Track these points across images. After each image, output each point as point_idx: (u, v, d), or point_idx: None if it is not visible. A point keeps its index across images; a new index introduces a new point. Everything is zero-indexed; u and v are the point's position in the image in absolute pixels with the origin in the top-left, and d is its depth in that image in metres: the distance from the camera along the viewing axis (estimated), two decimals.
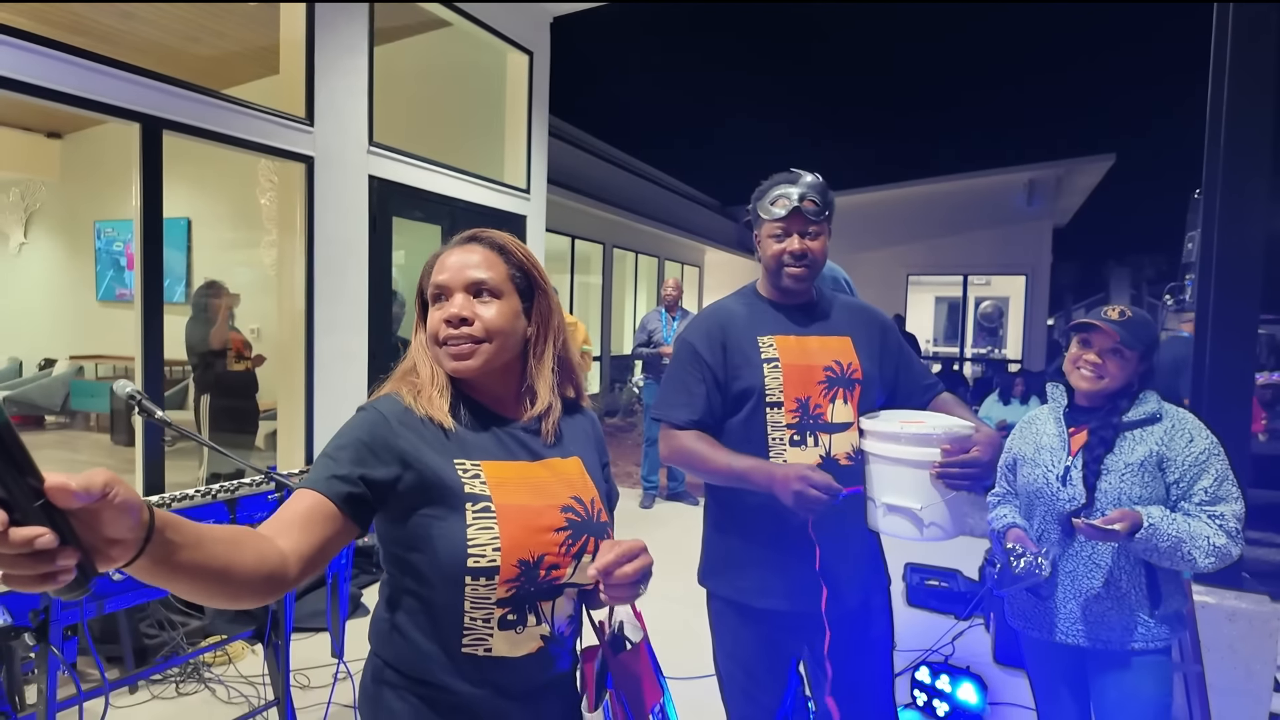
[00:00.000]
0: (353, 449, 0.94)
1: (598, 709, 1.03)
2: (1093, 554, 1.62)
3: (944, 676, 2.62)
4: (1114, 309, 1.68)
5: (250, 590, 0.77)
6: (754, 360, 1.56)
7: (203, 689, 2.60)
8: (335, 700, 2.26)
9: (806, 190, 1.57)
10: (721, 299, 1.74)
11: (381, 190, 4.41)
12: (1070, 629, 1.64)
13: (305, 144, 3.94)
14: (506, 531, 0.94)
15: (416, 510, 0.95)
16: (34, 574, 0.54)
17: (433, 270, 1.05)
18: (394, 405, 1.00)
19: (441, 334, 1.01)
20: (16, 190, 7.99)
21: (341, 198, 4.17)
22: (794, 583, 1.53)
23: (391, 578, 1.01)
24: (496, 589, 0.94)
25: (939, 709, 2.61)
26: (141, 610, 2.72)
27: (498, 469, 0.99)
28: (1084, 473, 1.63)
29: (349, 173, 4.22)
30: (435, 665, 0.97)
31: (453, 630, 0.96)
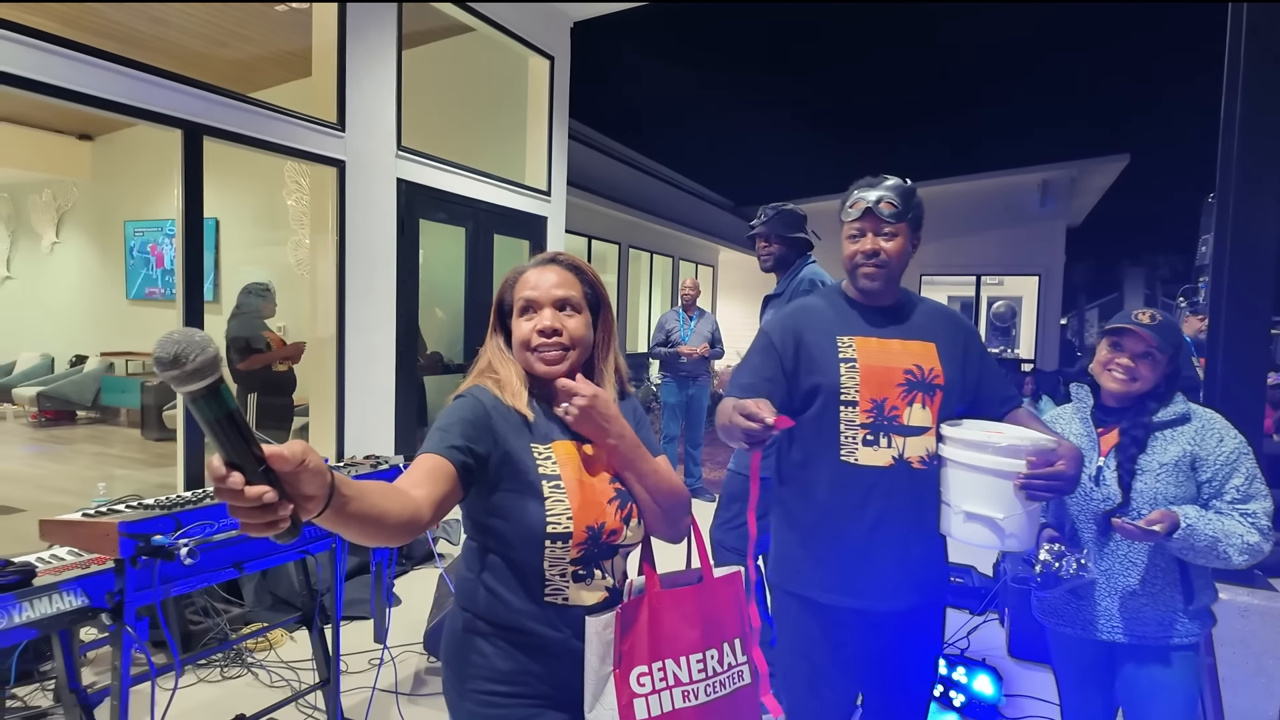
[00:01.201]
0: (460, 426, 1.12)
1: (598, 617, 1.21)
2: (1129, 552, 1.66)
3: (960, 668, 2.69)
4: (1144, 313, 1.71)
5: (398, 530, 0.94)
6: (830, 358, 1.59)
7: (246, 673, 2.72)
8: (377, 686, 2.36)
9: (884, 193, 1.59)
10: (809, 296, 1.81)
11: (409, 193, 4.53)
12: (1108, 626, 1.68)
13: (337, 148, 4.05)
14: (576, 503, 1.14)
15: (502, 483, 1.13)
16: (262, 522, 0.71)
17: (515, 285, 1.23)
18: (486, 394, 1.17)
19: (534, 342, 1.19)
20: (49, 191, 8.18)
21: (371, 200, 4.29)
22: (858, 579, 1.56)
23: (477, 542, 1.19)
24: (570, 550, 1.13)
25: (955, 700, 2.69)
26: (188, 598, 2.84)
27: (565, 449, 1.19)
28: (1118, 473, 1.67)
29: (378, 176, 4.34)
30: (521, 614, 1.14)
31: (535, 584, 1.14)
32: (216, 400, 0.67)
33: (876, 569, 1.55)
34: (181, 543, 1.49)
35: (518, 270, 1.25)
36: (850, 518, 1.55)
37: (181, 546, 1.48)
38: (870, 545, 1.54)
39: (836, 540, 1.57)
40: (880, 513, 1.55)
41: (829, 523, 1.57)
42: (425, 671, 2.87)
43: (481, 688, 1.15)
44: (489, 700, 1.14)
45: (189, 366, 0.64)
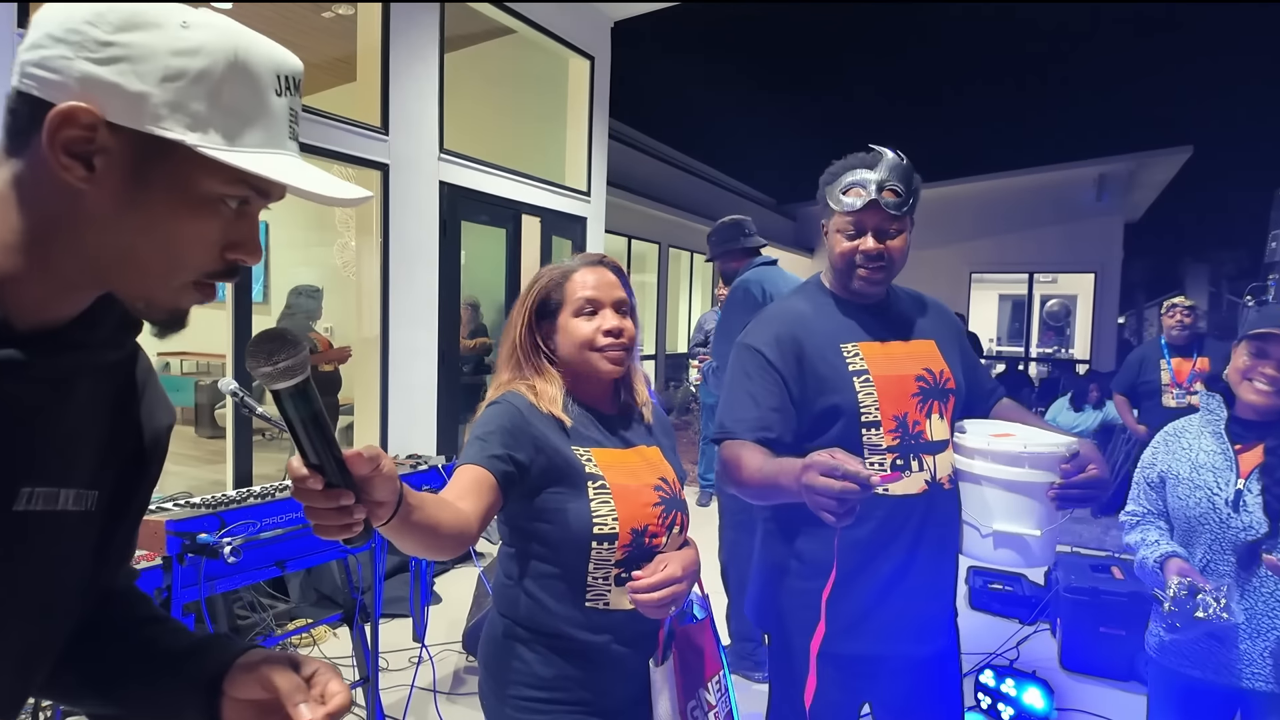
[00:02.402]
0: (500, 434, 1.11)
1: (662, 665, 1.18)
2: (1276, 589, 1.45)
3: (1009, 680, 2.61)
4: None
5: (451, 542, 0.95)
6: (840, 373, 1.35)
7: None
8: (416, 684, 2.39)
9: (887, 176, 1.34)
10: (784, 298, 1.57)
11: (451, 195, 4.58)
12: (1252, 673, 1.46)
13: (381, 152, 4.12)
14: (622, 505, 1.13)
15: (545, 488, 1.13)
16: (337, 524, 0.71)
17: (565, 285, 1.21)
18: (522, 400, 1.16)
19: (600, 342, 1.18)
20: None
21: (414, 203, 4.35)
22: (862, 622, 1.36)
23: (516, 548, 1.18)
24: (615, 552, 1.12)
25: (1004, 713, 2.60)
26: (235, 594, 2.91)
27: (604, 454, 1.17)
28: (1264, 498, 1.45)
29: (421, 179, 4.40)
30: (562, 620, 1.14)
31: (577, 589, 1.13)
32: (305, 399, 0.67)
33: (909, 608, 1.38)
34: (225, 541, 1.53)
35: (563, 270, 1.23)
36: (884, 559, 1.34)
37: (225, 545, 1.52)
38: (905, 582, 1.36)
39: (867, 585, 1.35)
40: (914, 546, 1.36)
41: (857, 567, 1.34)
42: (464, 670, 2.90)
43: (521, 694, 1.14)
44: (528, 706, 1.14)
45: (284, 363, 0.64)
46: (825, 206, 1.43)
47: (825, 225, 1.45)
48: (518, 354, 1.22)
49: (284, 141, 0.58)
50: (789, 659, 1.44)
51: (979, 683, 2.70)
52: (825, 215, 1.44)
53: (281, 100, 0.57)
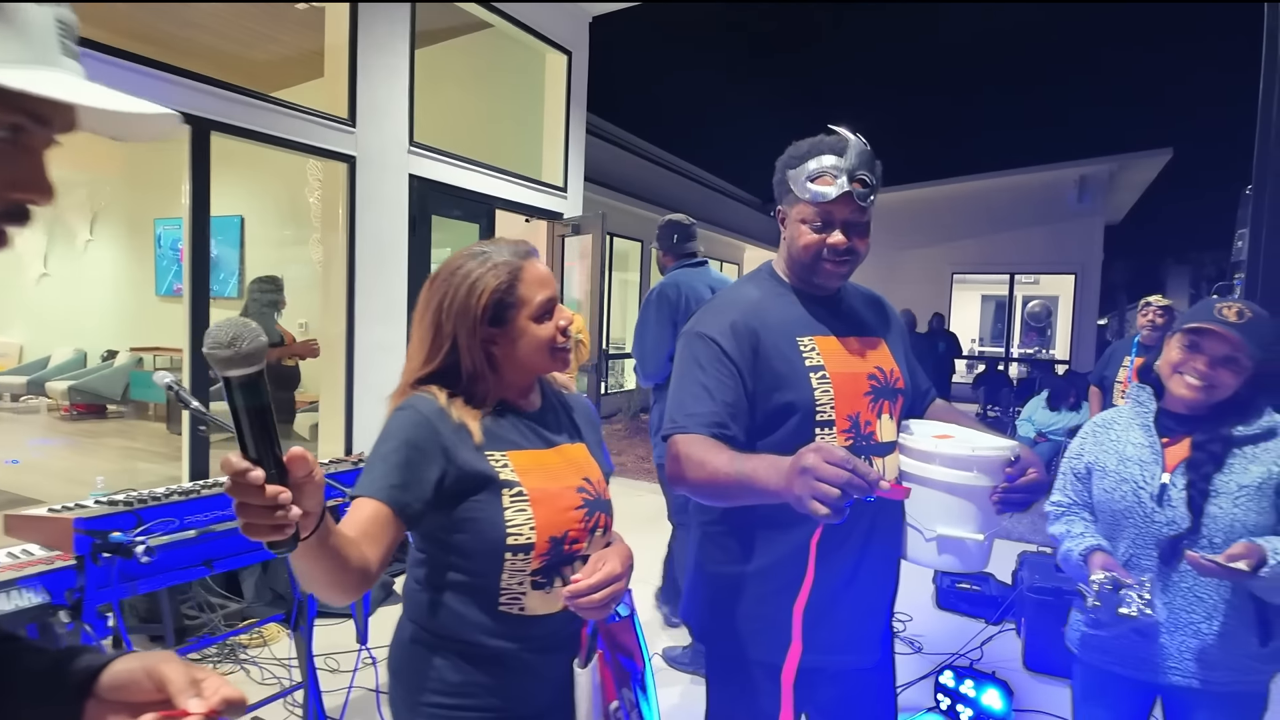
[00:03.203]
0: (404, 452, 1.02)
1: (586, 666, 1.13)
2: (1195, 585, 1.43)
3: (968, 681, 2.58)
4: (1230, 307, 1.43)
5: (353, 579, 0.89)
6: (797, 367, 1.28)
7: (238, 669, 2.71)
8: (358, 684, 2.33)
9: (857, 164, 1.26)
10: (736, 284, 1.47)
11: (421, 189, 4.52)
12: (1170, 668, 1.45)
13: (348, 144, 4.05)
14: (539, 513, 1.06)
15: (458, 498, 1.05)
16: (269, 524, 0.69)
17: (520, 282, 1.10)
18: (431, 405, 1.07)
19: (560, 342, 1.12)
20: (83, 189, 8.37)
21: (382, 196, 4.28)
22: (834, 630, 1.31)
23: (427, 554, 1.11)
24: (531, 561, 1.06)
25: (962, 714, 2.58)
26: (184, 592, 2.85)
27: (523, 458, 1.10)
28: (1188, 493, 1.42)
29: (390, 172, 4.33)
30: (472, 627, 1.08)
31: (490, 595, 1.07)
32: (256, 391, 0.68)
33: (855, 616, 1.33)
34: (139, 540, 1.47)
35: (507, 268, 1.09)
36: (830, 566, 1.25)
37: (139, 544, 1.46)
38: (850, 590, 1.31)
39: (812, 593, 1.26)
40: (861, 552, 1.31)
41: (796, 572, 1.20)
42: None
43: (431, 700, 1.09)
44: (439, 715, 1.08)
45: (243, 349, 0.66)
46: (786, 192, 1.33)
47: (784, 211, 1.36)
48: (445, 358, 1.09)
49: (53, 57, 0.52)
50: (735, 672, 1.38)
51: (939, 683, 2.67)
52: (785, 201, 1.34)
53: (42, 8, 0.51)
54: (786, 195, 1.34)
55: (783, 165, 1.33)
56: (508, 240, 1.15)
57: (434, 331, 1.10)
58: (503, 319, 1.09)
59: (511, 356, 1.11)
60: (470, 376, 1.09)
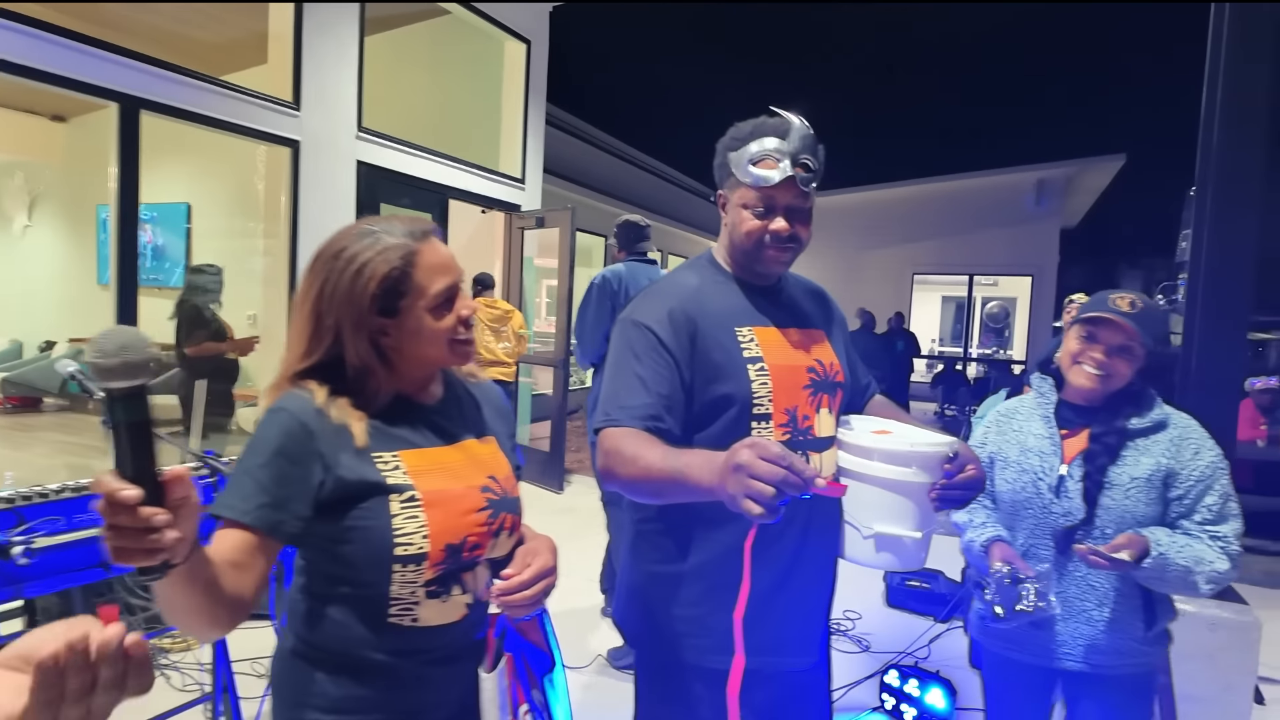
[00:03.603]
0: (274, 465, 0.91)
1: (493, 671, 1.05)
2: (1088, 574, 1.47)
3: (913, 681, 2.56)
4: (1123, 298, 1.47)
5: (224, 615, 0.83)
6: (735, 358, 1.23)
7: (158, 675, 2.58)
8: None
9: (800, 148, 1.21)
10: (674, 271, 1.40)
11: (370, 176, 4.39)
12: (1065, 654, 1.49)
13: (291, 128, 3.91)
14: (433, 519, 0.96)
15: (341, 508, 0.94)
16: (142, 548, 0.64)
17: (416, 266, 0.97)
18: (307, 406, 0.95)
19: (461, 334, 1.01)
20: (21, 173, 8.03)
21: (328, 183, 4.15)
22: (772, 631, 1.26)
23: (311, 563, 1.00)
24: (424, 573, 0.96)
25: (906, 714, 2.56)
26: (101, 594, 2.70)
27: (419, 457, 1.00)
28: (1084, 485, 1.46)
29: (337, 158, 4.20)
30: (356, 640, 0.97)
31: (378, 606, 0.97)
32: (139, 405, 0.64)
33: (791, 617, 1.28)
34: (18, 540, 1.36)
35: (400, 251, 0.96)
36: (766, 565, 1.22)
37: (16, 545, 1.35)
38: (786, 590, 1.27)
39: (711, 579, 1.24)
40: (798, 550, 1.27)
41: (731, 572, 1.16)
42: None
43: (312, 718, 0.99)
44: None
45: (130, 359, 0.62)
46: (727, 176, 1.27)
47: (725, 196, 1.30)
48: (328, 351, 0.97)
49: None
50: (666, 676, 1.33)
51: (883, 683, 2.65)
52: (726, 185, 1.28)
53: None
54: (727, 179, 1.28)
55: (723, 147, 1.27)
56: (403, 218, 1.02)
57: (314, 321, 0.97)
58: (394, 309, 0.97)
59: (405, 350, 0.99)
60: (357, 371, 0.97)
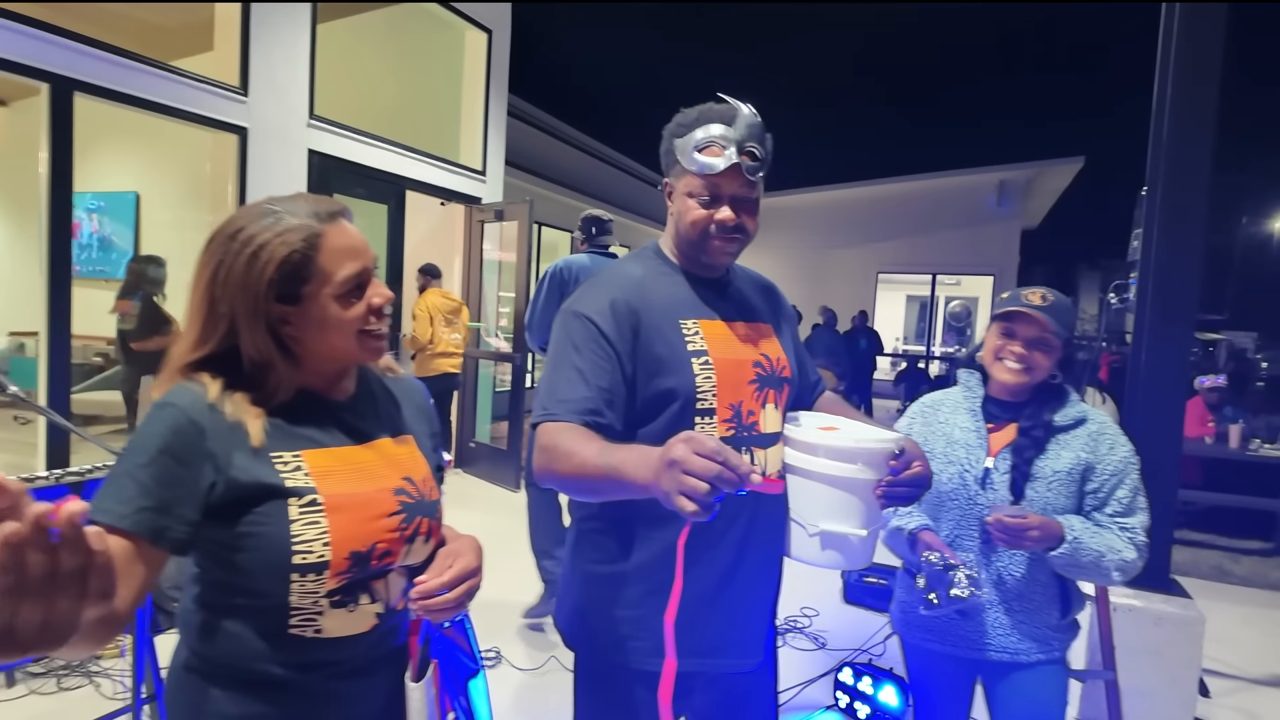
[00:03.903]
0: (159, 465, 0.83)
1: (421, 680, 0.98)
2: (1009, 564, 1.51)
3: (866, 678, 2.55)
4: (1034, 293, 1.53)
5: (93, 630, 0.70)
6: (679, 351, 1.19)
7: (87, 683, 2.46)
8: None
9: (747, 135, 1.17)
10: (618, 262, 1.35)
11: (322, 165, 4.26)
12: (986, 643, 1.52)
13: (238, 114, 3.78)
14: (336, 524, 0.89)
15: (233, 511, 0.87)
16: None
17: (315, 256, 0.89)
18: (196, 399, 0.87)
19: (370, 324, 0.93)
20: None
21: (278, 172, 4.02)
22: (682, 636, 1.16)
23: (204, 570, 0.93)
24: (325, 582, 0.89)
25: (860, 711, 2.55)
26: None
27: (324, 457, 0.92)
28: (1012, 477, 1.49)
29: (287, 146, 4.07)
30: (254, 653, 0.90)
31: (277, 617, 0.89)
32: None
33: (735, 618, 1.25)
34: None
35: (303, 232, 0.88)
36: (708, 564, 1.21)
37: None
38: (730, 590, 1.23)
39: (689, 594, 1.18)
40: (741, 548, 1.23)
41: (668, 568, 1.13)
42: None
43: None
44: None
45: None
46: (673, 164, 1.23)
47: (670, 185, 1.26)
48: (223, 340, 0.89)
49: None
50: (605, 680, 1.28)
51: (838, 681, 2.63)
52: (672, 173, 1.25)
53: None
54: (673, 166, 1.23)
55: (669, 134, 1.23)
56: (309, 197, 0.94)
57: (207, 308, 0.89)
58: (296, 295, 0.89)
59: (309, 341, 0.91)
60: (255, 364, 0.90)
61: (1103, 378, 8.44)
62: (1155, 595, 2.57)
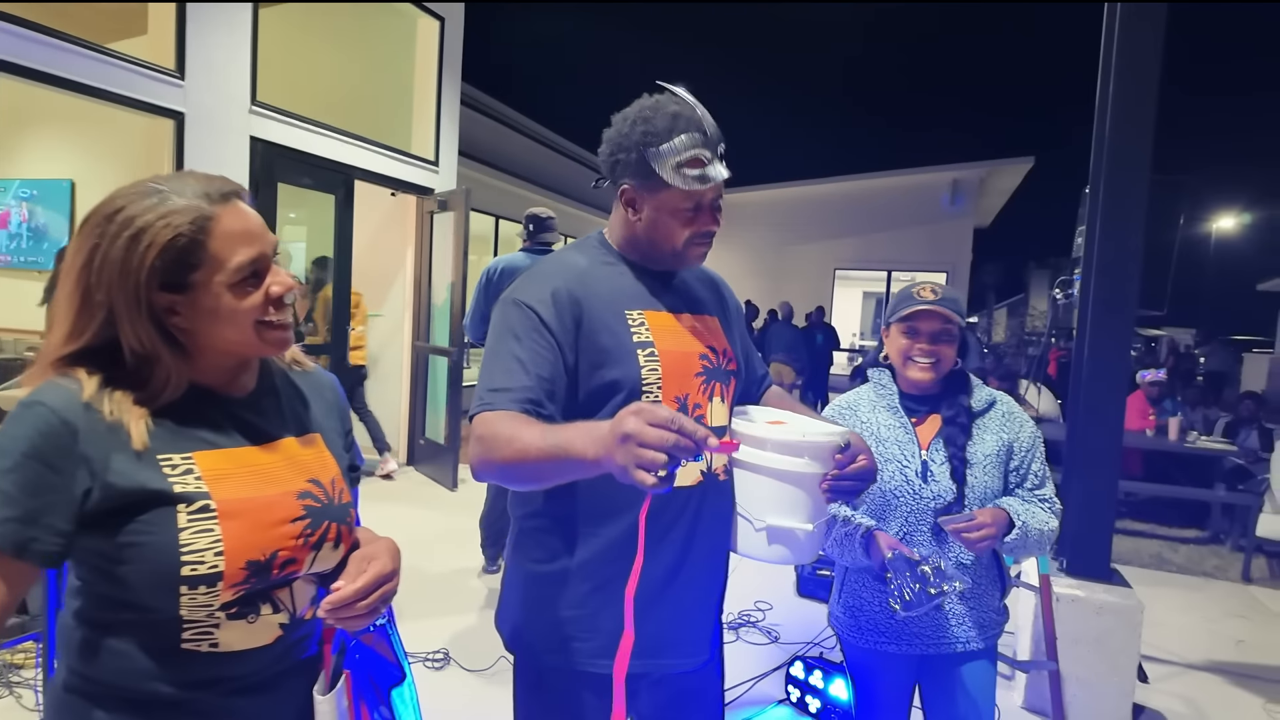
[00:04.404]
0: (26, 470, 0.76)
1: (330, 693, 0.92)
2: (959, 554, 1.50)
3: (817, 672, 2.55)
4: (925, 288, 1.54)
5: None
6: (624, 343, 1.17)
7: (8, 694, 2.33)
8: None
9: (716, 137, 1.18)
10: (560, 252, 1.32)
11: (266, 154, 4.12)
12: (942, 638, 1.51)
13: (174, 99, 3.62)
14: (231, 532, 0.82)
15: (114, 520, 0.79)
16: None
17: (206, 241, 0.81)
18: (68, 398, 0.79)
19: (272, 316, 0.86)
20: None
21: (218, 160, 3.87)
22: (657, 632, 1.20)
23: (85, 583, 0.85)
24: (220, 594, 0.82)
25: (811, 705, 2.55)
26: None
27: (218, 459, 0.85)
28: (951, 466, 1.50)
29: (228, 133, 3.92)
30: (143, 672, 0.83)
31: (168, 632, 0.82)
32: None
33: (681, 615, 1.23)
34: None
35: (191, 215, 0.80)
36: (653, 560, 1.17)
37: None
38: (675, 585, 1.21)
39: (601, 576, 1.18)
40: (686, 544, 1.21)
41: (621, 567, 1.13)
42: None
43: None
44: None
45: None
46: (645, 174, 1.16)
47: (634, 193, 1.20)
48: (100, 332, 0.81)
49: None
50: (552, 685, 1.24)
51: (789, 675, 2.63)
52: (641, 184, 1.18)
53: None
54: (646, 178, 1.17)
55: (636, 142, 1.16)
56: (200, 176, 0.85)
57: (82, 296, 0.80)
58: (183, 284, 0.81)
59: (200, 333, 0.84)
60: (138, 358, 0.81)
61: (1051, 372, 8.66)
62: (1097, 585, 2.62)
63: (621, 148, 1.18)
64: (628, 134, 1.17)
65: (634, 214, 1.22)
